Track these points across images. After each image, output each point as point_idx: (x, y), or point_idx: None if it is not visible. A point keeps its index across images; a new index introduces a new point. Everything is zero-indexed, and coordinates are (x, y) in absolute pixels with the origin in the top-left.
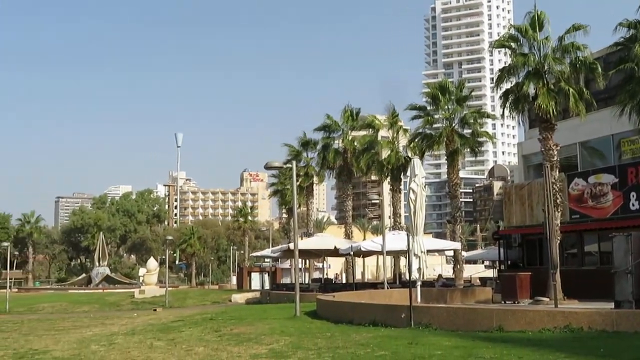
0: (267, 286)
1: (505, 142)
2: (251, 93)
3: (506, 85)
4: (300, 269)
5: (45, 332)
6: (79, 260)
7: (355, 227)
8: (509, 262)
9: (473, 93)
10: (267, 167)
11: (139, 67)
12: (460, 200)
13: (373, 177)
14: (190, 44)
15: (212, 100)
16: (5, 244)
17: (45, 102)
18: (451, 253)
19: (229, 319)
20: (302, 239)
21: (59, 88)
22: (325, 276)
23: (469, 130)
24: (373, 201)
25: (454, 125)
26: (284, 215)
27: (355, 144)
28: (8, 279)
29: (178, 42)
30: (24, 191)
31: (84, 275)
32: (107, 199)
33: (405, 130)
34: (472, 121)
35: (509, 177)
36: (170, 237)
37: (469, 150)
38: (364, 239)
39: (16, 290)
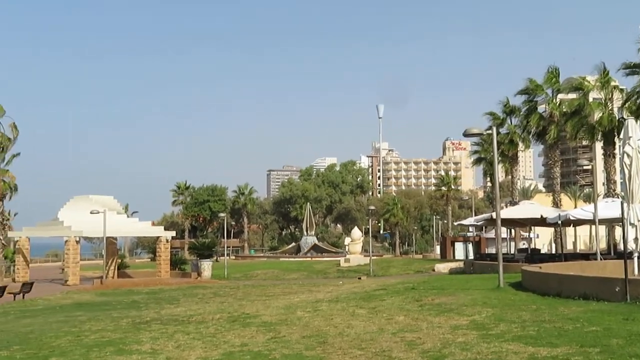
0: (470, 256)
1: None
2: (452, 60)
3: None
4: (505, 238)
5: (257, 297)
6: (289, 230)
7: (565, 195)
8: None
9: None
10: (466, 135)
11: (343, 42)
12: None
13: (584, 142)
14: (396, 17)
15: (413, 69)
16: (223, 214)
17: (260, 80)
18: None
19: (431, 289)
20: (506, 207)
21: (276, 66)
22: (532, 246)
23: None
24: (584, 167)
25: None
26: (488, 184)
27: (562, 107)
28: (226, 247)
29: (382, 16)
30: (239, 165)
31: (293, 244)
32: (312, 170)
33: (622, 90)
34: None
35: None
36: (373, 207)
37: None
38: (575, 207)
39: (234, 257)
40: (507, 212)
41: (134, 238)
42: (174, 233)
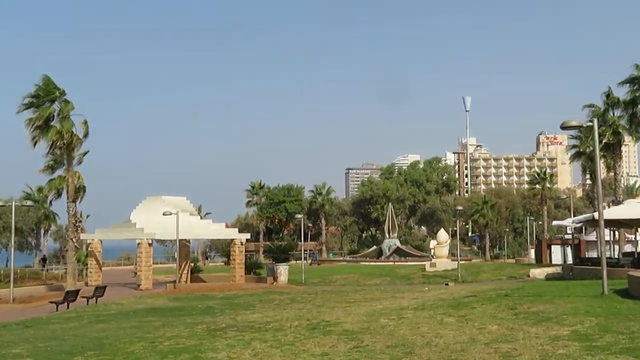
0: (569, 260)
1: None
2: (544, 46)
3: None
4: (608, 241)
5: (337, 304)
6: (369, 232)
7: None
8: None
9: None
10: (564, 127)
11: (428, 33)
12: None
13: None
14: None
15: (502, 59)
16: (299, 215)
17: (339, 74)
18: None
19: (526, 296)
20: (609, 207)
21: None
22: (639, 250)
23: None
24: None
25: None
26: (587, 181)
27: None
28: (303, 250)
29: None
30: (316, 164)
31: (374, 247)
32: (394, 168)
33: None
34: None
35: None
36: (460, 207)
37: None
38: None
39: (315, 262)
40: (611, 212)
41: (207, 241)
42: (248, 235)
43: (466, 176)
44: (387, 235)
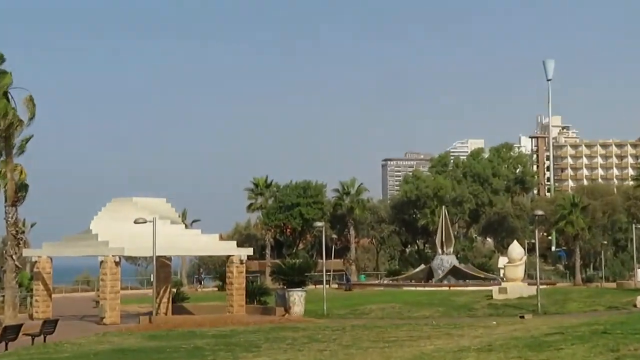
0: None
1: None
2: None
3: None
4: None
5: (372, 344)
6: (415, 246)
7: None
8: None
9: None
10: None
11: None
12: None
13: None
14: None
15: (595, 10)
16: (319, 223)
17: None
18: None
19: (633, 333)
20: None
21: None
22: None
23: None
24: None
25: None
26: None
27: None
28: (325, 271)
29: None
30: (341, 153)
31: (422, 266)
32: (449, 159)
33: None
34: None
35: None
36: (541, 212)
37: None
38: None
39: (335, 286)
40: None
41: (195, 258)
42: (251, 250)
43: (548, 169)
44: (439, 250)
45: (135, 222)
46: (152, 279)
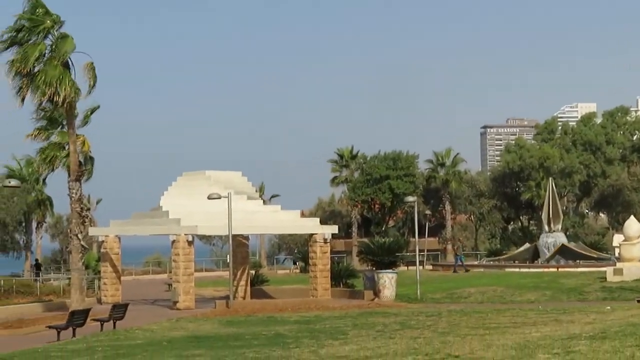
0: None
1: None
2: None
3: None
4: None
5: (470, 330)
6: (518, 223)
7: None
8: None
9: None
10: None
11: None
12: None
13: None
14: None
15: None
16: (412, 198)
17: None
18: None
19: None
20: None
21: None
22: None
23: None
24: None
25: None
26: None
27: None
28: (417, 251)
29: None
30: (436, 120)
31: (527, 245)
32: (556, 126)
33: None
34: None
35: None
36: None
37: None
38: None
39: (430, 267)
40: None
41: (275, 237)
42: (335, 228)
43: None
44: (546, 227)
45: (209, 197)
46: (228, 260)
